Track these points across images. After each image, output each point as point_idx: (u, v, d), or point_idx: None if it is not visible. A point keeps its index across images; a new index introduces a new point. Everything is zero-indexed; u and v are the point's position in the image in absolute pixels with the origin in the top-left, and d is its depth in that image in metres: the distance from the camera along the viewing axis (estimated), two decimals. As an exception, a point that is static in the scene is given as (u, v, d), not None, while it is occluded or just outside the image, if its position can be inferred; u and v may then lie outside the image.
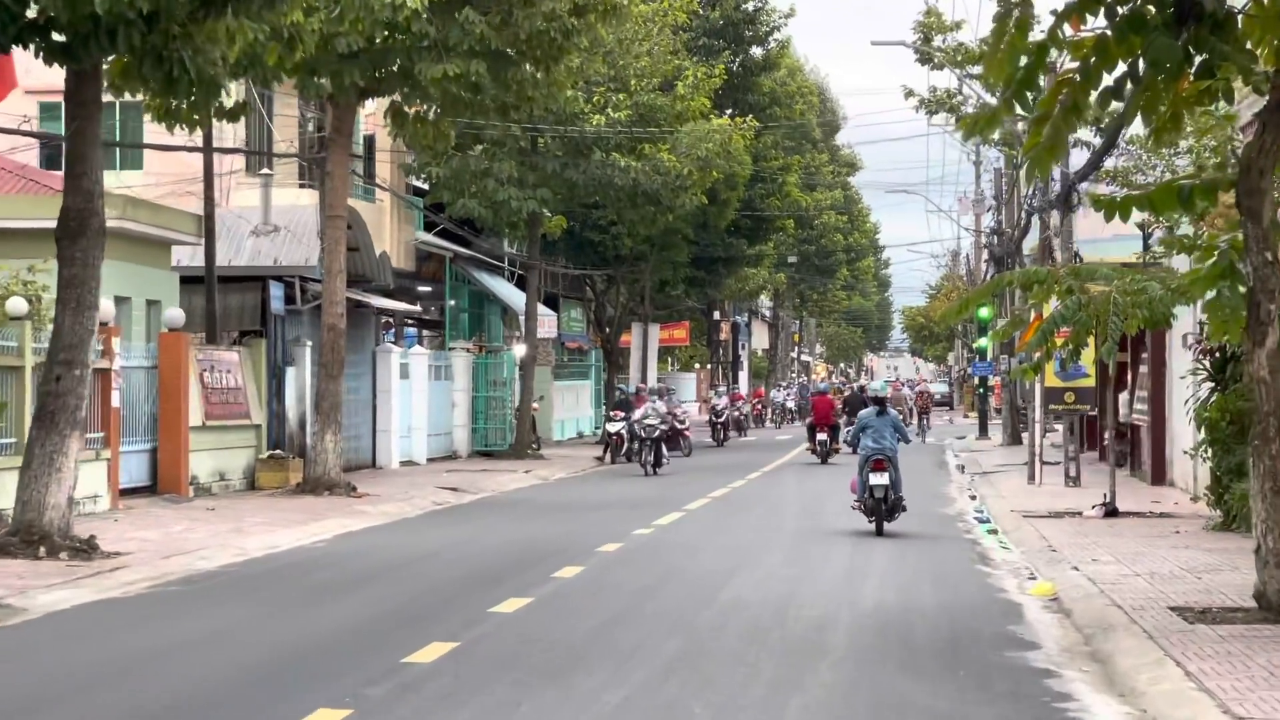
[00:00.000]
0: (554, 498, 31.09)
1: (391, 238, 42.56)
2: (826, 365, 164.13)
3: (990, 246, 54.85)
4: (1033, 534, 23.10)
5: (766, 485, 35.45)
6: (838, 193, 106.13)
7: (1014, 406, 54.58)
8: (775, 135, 66.10)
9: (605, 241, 53.34)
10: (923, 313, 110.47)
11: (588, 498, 31.12)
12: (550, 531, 23.70)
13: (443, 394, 42.88)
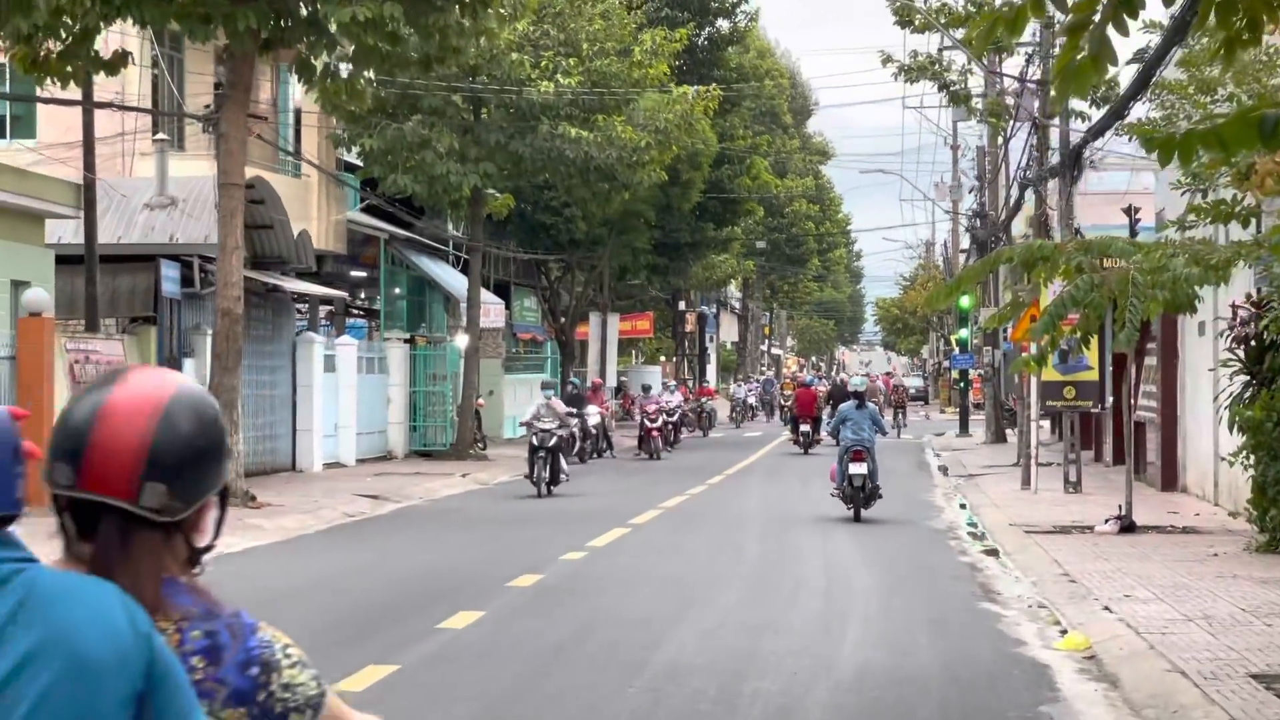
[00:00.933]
0: (485, 508, 27.27)
1: (319, 217, 38.69)
2: (797, 358, 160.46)
3: (972, 230, 51.13)
4: (1041, 556, 19.36)
5: (730, 491, 31.70)
6: (809, 180, 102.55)
7: (997, 402, 50.90)
8: (743, 114, 62.40)
9: (558, 224, 49.53)
10: (897, 304, 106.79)
11: (523, 509, 27.32)
12: (464, 555, 19.88)
13: (376, 389, 39.03)
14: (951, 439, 54.69)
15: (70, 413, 2.80)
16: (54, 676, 2.51)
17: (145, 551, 2.80)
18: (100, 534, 2.79)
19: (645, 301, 75.71)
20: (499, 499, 29.83)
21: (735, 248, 73.04)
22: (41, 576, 2.61)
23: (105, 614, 2.57)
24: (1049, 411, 32.58)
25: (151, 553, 2.82)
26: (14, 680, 2.49)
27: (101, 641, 2.54)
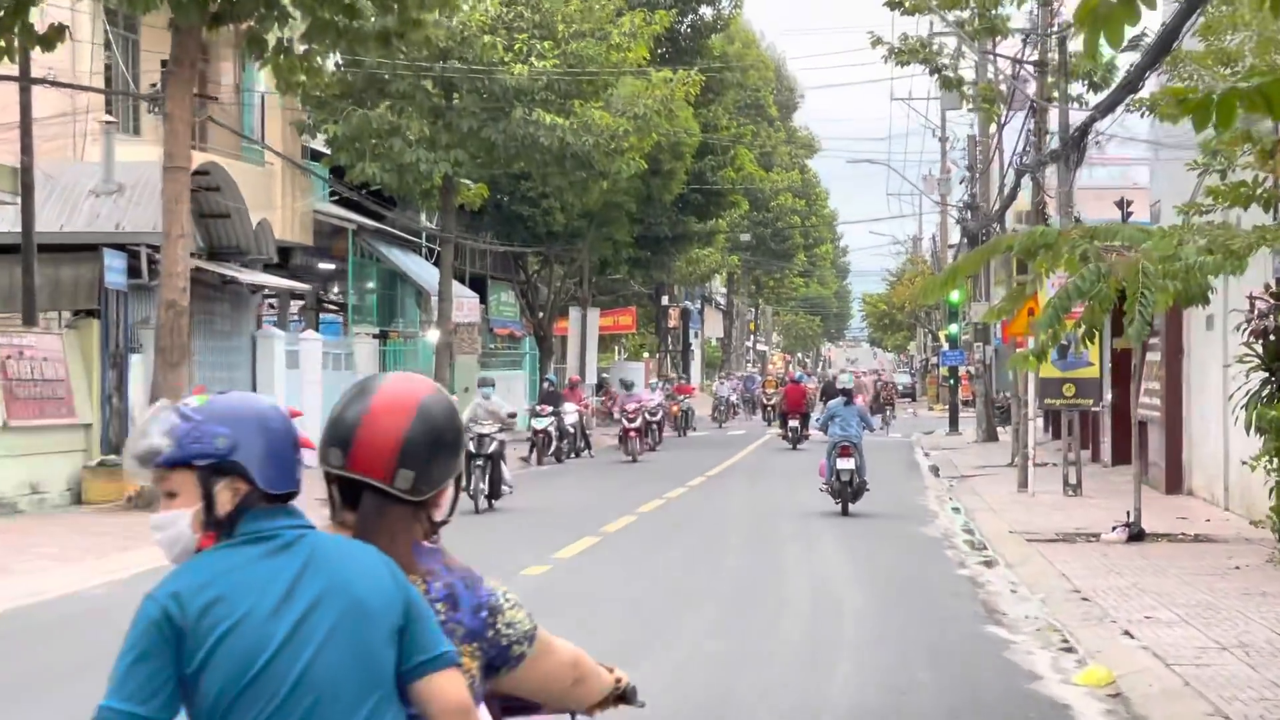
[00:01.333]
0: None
1: (284, 207, 37.00)
2: (783, 355, 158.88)
3: (963, 222, 49.57)
4: (1046, 569, 17.77)
5: (711, 494, 30.09)
6: (795, 174, 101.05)
7: (989, 400, 49.33)
8: (727, 104, 60.80)
9: (536, 216, 47.90)
10: (884, 299, 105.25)
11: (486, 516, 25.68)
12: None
13: (343, 386, 37.21)
14: (941, 437, 53.12)
15: (344, 409, 3.85)
16: (339, 614, 3.47)
17: (397, 522, 3.75)
18: (362, 506, 3.76)
19: (627, 296, 74.07)
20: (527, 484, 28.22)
21: (719, 241, 71.47)
22: (320, 539, 3.59)
23: (373, 569, 3.56)
24: (1047, 410, 31.04)
25: (401, 522, 3.77)
26: (309, 616, 3.45)
27: (372, 589, 3.52)
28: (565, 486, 31.51)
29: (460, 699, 3.57)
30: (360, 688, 3.47)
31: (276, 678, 3.41)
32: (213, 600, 3.42)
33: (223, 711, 3.40)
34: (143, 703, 3.38)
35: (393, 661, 3.52)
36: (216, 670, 3.40)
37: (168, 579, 3.47)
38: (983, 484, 31.54)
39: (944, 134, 77.97)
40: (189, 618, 3.40)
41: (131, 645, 3.41)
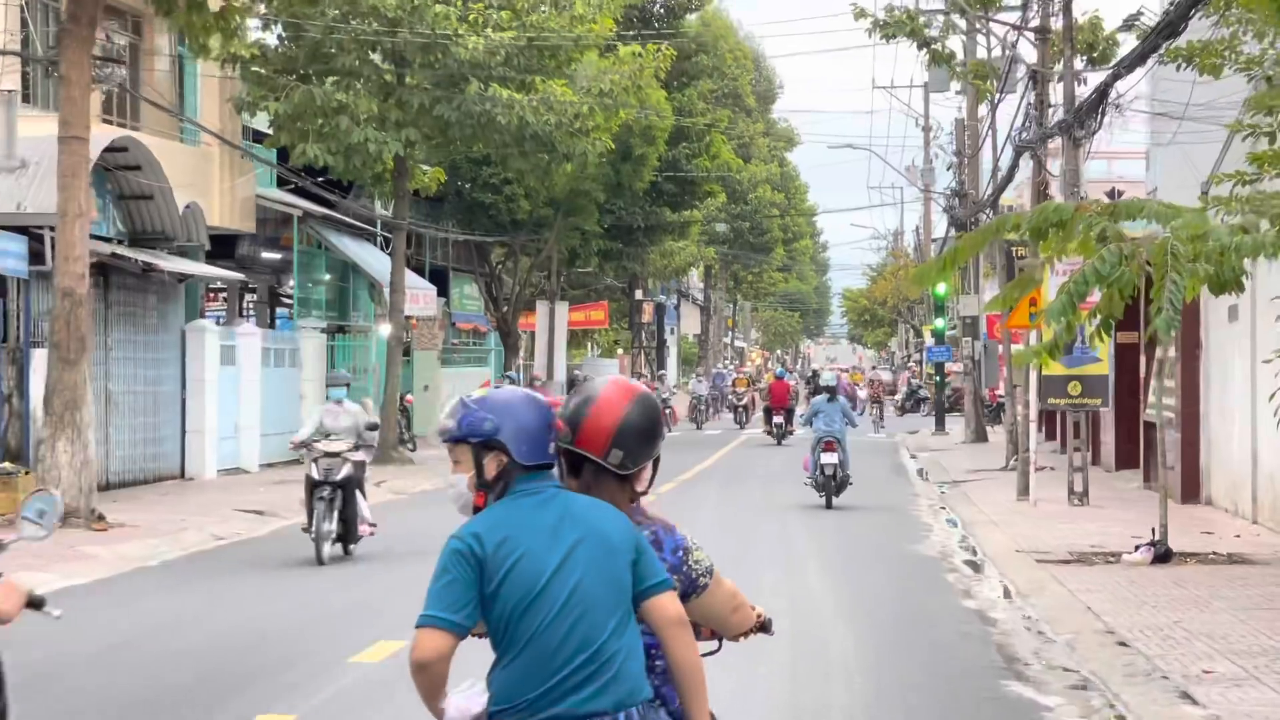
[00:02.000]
0: (381, 529, 22.87)
1: (223, 192, 34.25)
2: (762, 351, 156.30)
3: (951, 211, 46.95)
4: (1066, 600, 15.15)
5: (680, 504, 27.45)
6: (774, 166, 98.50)
7: (978, 398, 46.72)
8: (702, 88, 58.12)
9: (499, 204, 45.21)
10: (865, 294, 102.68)
11: (430, 527, 22.94)
12: (321, 604, 15.63)
13: (287, 384, 34.66)
14: (927, 437, 50.53)
15: (577, 401, 4.94)
16: (593, 550, 4.69)
17: (606, 489, 4.93)
18: (583, 475, 4.95)
19: (599, 290, 71.39)
20: (405, 516, 25.55)
21: (694, 232, 68.77)
22: (571, 496, 4.82)
23: (614, 516, 4.78)
24: (1049, 410, 28.49)
25: (608, 490, 4.94)
26: (573, 551, 4.66)
27: (613, 531, 4.73)
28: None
29: (678, 613, 4.81)
30: (610, 604, 4.74)
31: (552, 595, 4.69)
32: (503, 539, 4.72)
33: (514, 621, 4.68)
34: (454, 612, 4.65)
35: (630, 585, 4.78)
36: (508, 590, 4.67)
37: (469, 524, 4.77)
38: (978, 491, 28.94)
39: (927, 122, 75.62)
40: (487, 552, 4.70)
41: (443, 571, 4.71)
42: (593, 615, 4.65)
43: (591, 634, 4.65)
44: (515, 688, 4.65)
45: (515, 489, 4.77)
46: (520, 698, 4.63)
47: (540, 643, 4.63)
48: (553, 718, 4.62)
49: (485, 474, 4.79)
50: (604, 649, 4.65)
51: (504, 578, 4.63)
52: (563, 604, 4.63)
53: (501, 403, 4.82)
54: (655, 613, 4.73)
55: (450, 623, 4.59)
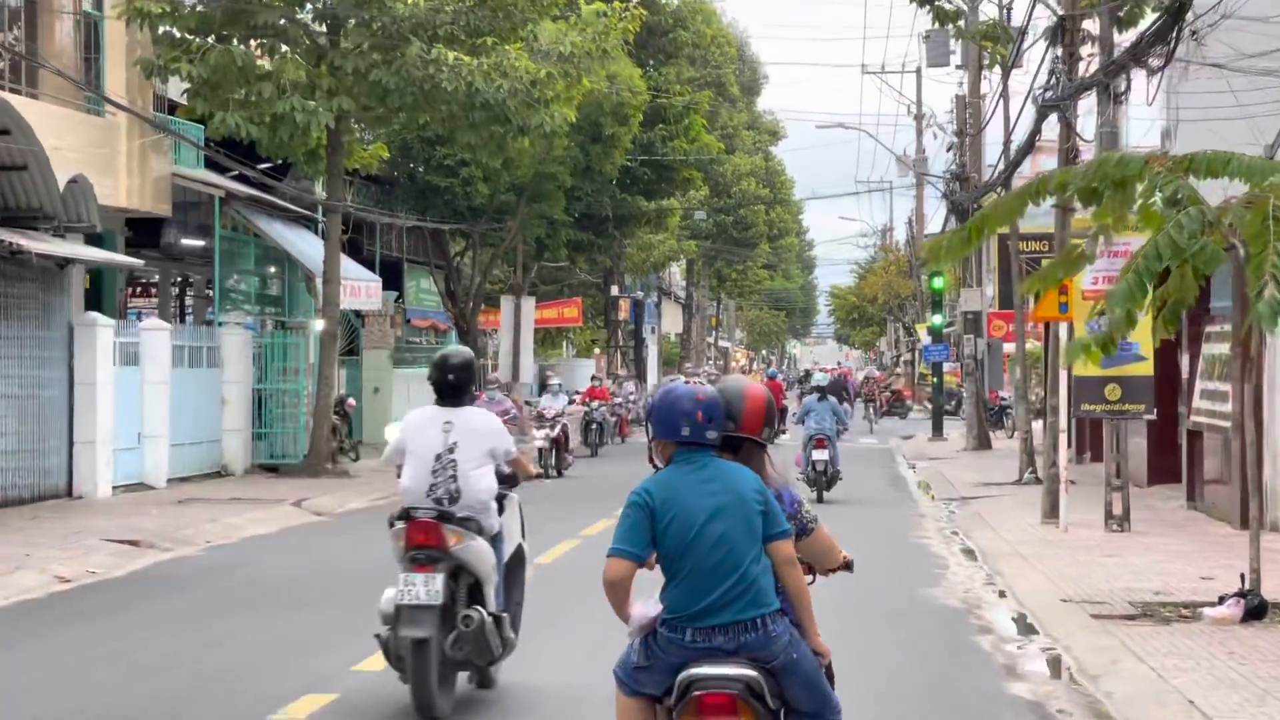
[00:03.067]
0: (284, 566, 18.79)
1: (132, 170, 30.13)
2: (747, 351, 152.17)
3: (950, 196, 42.92)
4: (1152, 684, 11.10)
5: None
6: (759, 158, 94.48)
7: (980, 402, 42.65)
8: (680, 66, 54.07)
9: (454, 187, 41.07)
10: (853, 291, 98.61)
11: (342, 561, 18.98)
12: (184, 672, 11.53)
13: (204, 387, 30.54)
14: (924, 443, 46.52)
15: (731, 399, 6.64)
16: (734, 503, 6.30)
17: (756, 458, 6.62)
18: (743, 450, 6.62)
19: (573, 286, 67.28)
20: (323, 543, 21.46)
21: (673, 224, 64.69)
22: (719, 462, 6.42)
23: (750, 478, 6.35)
24: (1083, 417, 24.49)
25: (756, 458, 6.65)
26: (719, 506, 6.26)
27: (749, 489, 6.30)
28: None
29: (790, 554, 6.50)
30: (748, 542, 6.38)
31: (705, 537, 6.35)
32: (668, 495, 6.42)
33: (678, 555, 6.38)
34: (633, 545, 6.39)
35: (760, 529, 6.41)
36: (672, 532, 6.37)
37: (645, 483, 6.50)
38: (993, 510, 24.89)
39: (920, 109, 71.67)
40: (656, 503, 6.40)
41: (625, 516, 6.45)
42: (736, 551, 6.37)
43: (736, 564, 6.36)
44: (682, 603, 6.39)
45: (676, 459, 6.54)
46: (685, 610, 6.37)
47: (698, 571, 6.36)
48: (710, 625, 6.33)
49: (654, 454, 6.68)
50: (746, 575, 6.35)
51: (668, 523, 6.40)
52: (713, 543, 6.36)
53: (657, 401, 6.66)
54: (775, 553, 6.46)
55: (630, 553, 6.41)
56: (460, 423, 10.17)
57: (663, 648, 6.34)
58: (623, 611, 6.39)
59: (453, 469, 10.05)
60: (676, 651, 6.32)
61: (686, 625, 6.30)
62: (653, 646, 6.36)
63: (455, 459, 10.05)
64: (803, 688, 6.38)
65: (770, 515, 6.42)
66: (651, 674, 6.38)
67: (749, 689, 6.21)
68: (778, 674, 6.32)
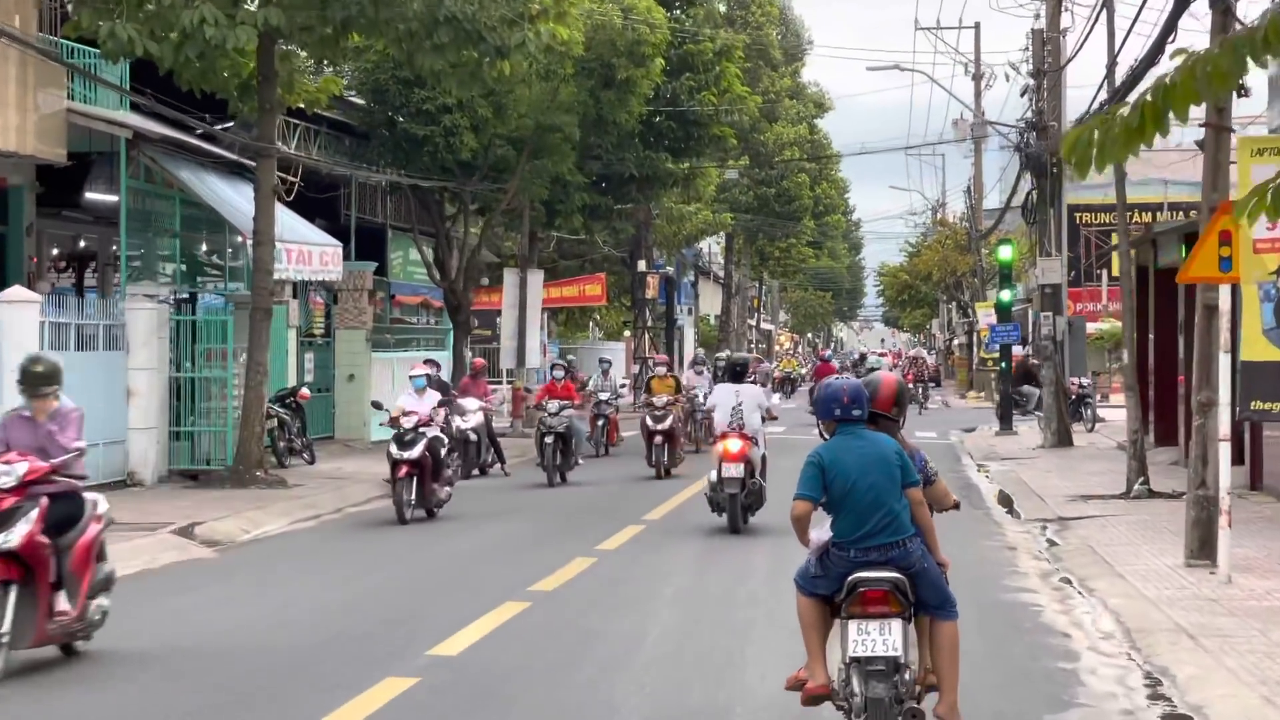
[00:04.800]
0: (96, 642, 12.49)
1: (20, 105, 23.96)
2: (791, 335, 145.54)
3: (1024, 149, 36.42)
4: None
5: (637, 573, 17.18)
6: (803, 128, 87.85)
7: (1060, 390, 36.06)
8: (711, 9, 47.59)
9: (436, 137, 34.66)
10: (904, 269, 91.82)
11: (182, 635, 12.76)
12: None
13: (102, 375, 24.38)
14: (990, 438, 40.05)
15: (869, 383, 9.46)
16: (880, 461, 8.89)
17: (893, 430, 9.29)
18: (881, 424, 9.19)
19: (596, 261, 60.87)
20: (168, 605, 15.26)
21: (707, 191, 58.23)
22: (868, 433, 9.05)
23: (890, 442, 8.99)
24: (1251, 419, 18.01)
25: (892, 431, 9.26)
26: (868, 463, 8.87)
27: (890, 450, 8.91)
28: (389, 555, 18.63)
29: (920, 497, 9.02)
30: (890, 487, 8.80)
31: (861, 485, 8.77)
32: (833, 457, 8.87)
33: (841, 498, 8.81)
34: (811, 491, 8.82)
35: (899, 478, 8.86)
36: (837, 482, 8.79)
37: (818, 448, 8.98)
38: (1108, 539, 18.47)
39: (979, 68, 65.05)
40: (825, 462, 8.84)
41: (806, 470, 8.87)
42: (882, 494, 8.86)
43: (883, 503, 8.85)
44: (846, 531, 8.91)
45: (839, 431, 9.08)
46: (849, 536, 8.89)
47: (857, 509, 8.87)
48: (867, 545, 8.84)
49: (823, 429, 9.29)
50: (890, 510, 8.86)
51: (833, 476, 8.89)
52: (866, 489, 8.85)
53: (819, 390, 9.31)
54: (910, 496, 8.98)
55: (809, 496, 8.90)
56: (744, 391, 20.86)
57: (833, 562, 8.97)
58: (803, 538, 9.10)
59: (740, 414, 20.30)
60: (843, 564, 8.92)
61: (850, 546, 8.90)
62: (825, 561, 9.03)
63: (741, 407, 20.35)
64: (930, 587, 8.99)
65: (905, 468, 9.02)
66: (824, 581, 9.03)
67: (896, 587, 8.80)
68: (914, 578, 8.89)
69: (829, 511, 8.93)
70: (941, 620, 8.99)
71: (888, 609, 8.75)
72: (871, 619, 8.76)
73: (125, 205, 25.89)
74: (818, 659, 9.02)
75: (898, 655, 8.74)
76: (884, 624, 8.76)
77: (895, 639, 8.74)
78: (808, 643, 9.09)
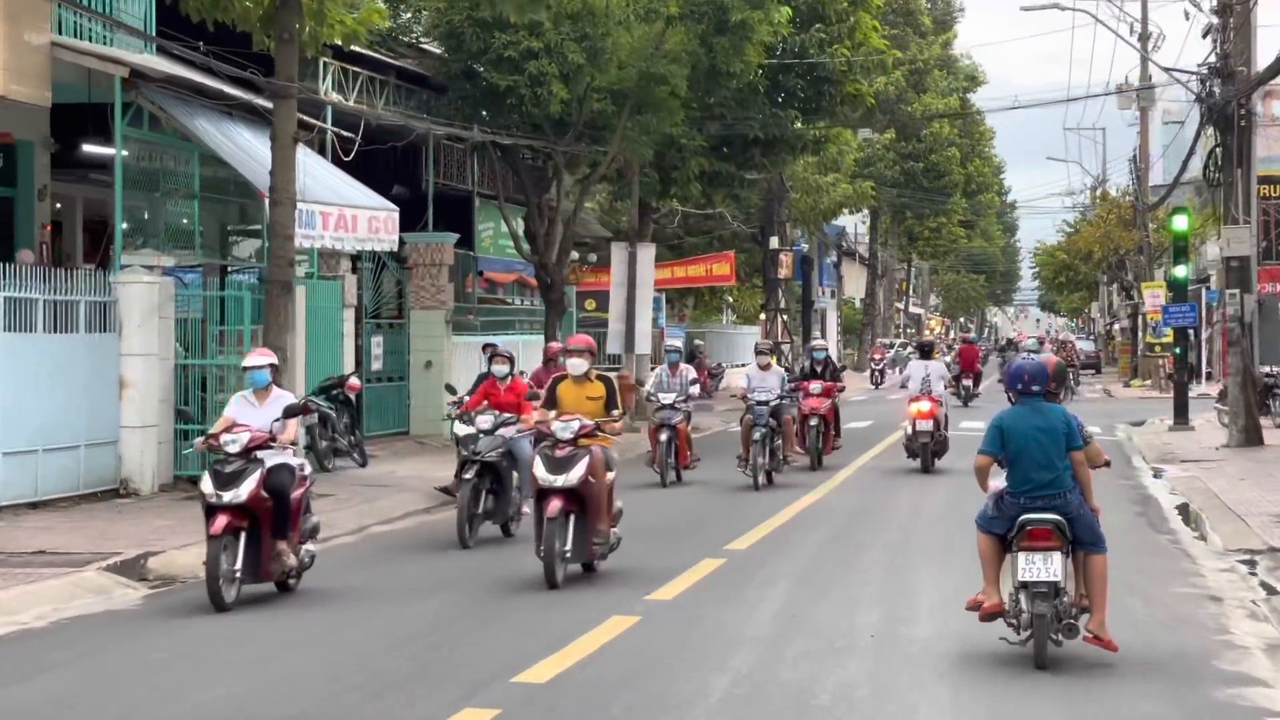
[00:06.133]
0: None
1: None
2: (942, 319, 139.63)
3: (1206, 98, 31.12)
4: None
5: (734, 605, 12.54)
6: (954, 99, 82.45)
7: (1248, 377, 30.74)
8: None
9: (521, 88, 30.06)
10: (1062, 248, 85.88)
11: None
12: None
13: (87, 363, 20.19)
14: (1163, 433, 34.80)
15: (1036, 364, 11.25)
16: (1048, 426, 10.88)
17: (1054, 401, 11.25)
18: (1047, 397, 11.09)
19: (725, 238, 56.18)
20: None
21: (845, 159, 53.27)
22: (1043, 403, 11.01)
23: (1059, 411, 11.02)
24: None
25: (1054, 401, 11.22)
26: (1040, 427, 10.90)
27: (1058, 418, 10.92)
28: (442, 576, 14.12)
29: (1082, 458, 10.91)
30: (1057, 450, 10.74)
31: (1032, 445, 10.75)
32: (1012, 422, 10.85)
33: (1018, 455, 10.81)
34: (993, 448, 10.95)
35: (1064, 441, 10.76)
36: (1014, 442, 10.80)
37: (1000, 414, 11.12)
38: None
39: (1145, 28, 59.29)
40: (1005, 425, 10.89)
41: (989, 431, 11.01)
42: (1049, 454, 10.75)
43: (1050, 462, 10.74)
44: (1018, 483, 10.82)
45: (1019, 402, 10.92)
46: (1021, 487, 10.79)
47: (1029, 465, 10.77)
48: (1035, 496, 10.73)
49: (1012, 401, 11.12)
50: (1055, 466, 10.75)
51: (1010, 437, 10.80)
52: (1037, 448, 10.73)
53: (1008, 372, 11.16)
54: (1072, 457, 10.79)
55: (990, 452, 10.94)
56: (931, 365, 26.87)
57: (1007, 506, 10.92)
58: (983, 485, 11.19)
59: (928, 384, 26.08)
60: (1015, 509, 10.85)
61: (1021, 495, 10.83)
62: (1001, 505, 10.97)
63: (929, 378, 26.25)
64: (1084, 528, 10.83)
65: (1070, 435, 10.87)
66: (999, 521, 10.97)
67: (1057, 526, 10.72)
68: (1072, 521, 10.77)
69: (1004, 467, 11.00)
70: (1093, 554, 10.93)
71: (1050, 543, 10.74)
72: (1037, 551, 10.75)
73: (120, 156, 21.55)
74: (993, 584, 11.04)
75: (1058, 580, 10.72)
76: (1047, 555, 10.74)
77: (1056, 567, 10.72)
78: (985, 571, 11.14)
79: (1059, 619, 10.72)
